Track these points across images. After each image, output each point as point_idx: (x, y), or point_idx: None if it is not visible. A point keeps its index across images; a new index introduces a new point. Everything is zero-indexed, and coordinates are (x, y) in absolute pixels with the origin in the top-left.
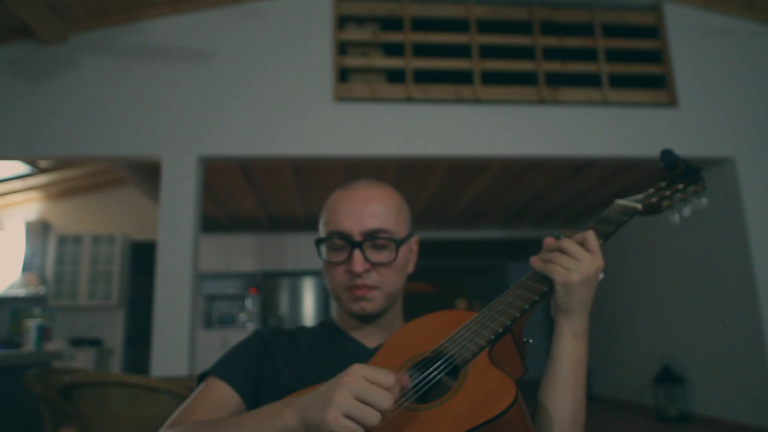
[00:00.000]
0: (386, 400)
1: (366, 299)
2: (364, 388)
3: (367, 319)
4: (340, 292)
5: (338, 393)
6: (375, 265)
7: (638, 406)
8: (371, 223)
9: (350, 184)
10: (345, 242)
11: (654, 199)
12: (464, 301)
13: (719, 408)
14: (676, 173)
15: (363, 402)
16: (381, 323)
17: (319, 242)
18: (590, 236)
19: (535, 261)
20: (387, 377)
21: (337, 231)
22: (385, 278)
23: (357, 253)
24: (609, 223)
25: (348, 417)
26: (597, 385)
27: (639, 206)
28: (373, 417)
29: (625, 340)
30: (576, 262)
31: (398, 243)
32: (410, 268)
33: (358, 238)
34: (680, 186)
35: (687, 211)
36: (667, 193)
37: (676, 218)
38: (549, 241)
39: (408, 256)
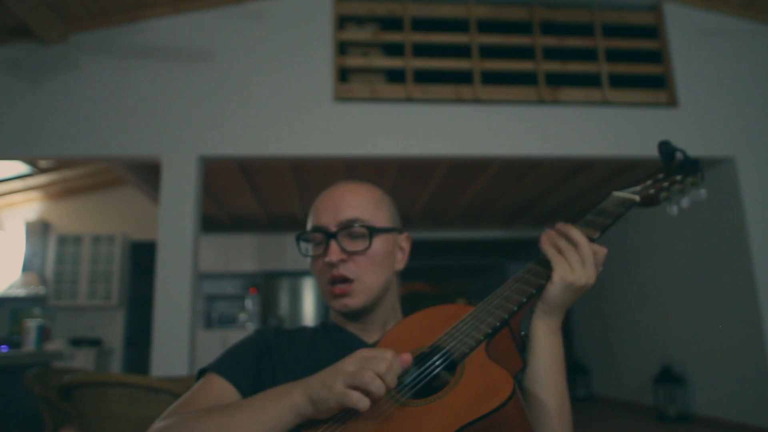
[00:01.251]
0: (381, 364)
1: (346, 295)
2: (366, 359)
3: (353, 316)
4: (324, 287)
5: (342, 369)
6: (351, 255)
7: (638, 406)
8: (346, 214)
9: (332, 184)
10: (322, 236)
11: (652, 191)
12: (464, 301)
13: (719, 408)
14: (674, 164)
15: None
16: (374, 320)
17: (298, 238)
18: (603, 253)
19: (546, 241)
20: (385, 351)
21: (315, 226)
22: (362, 269)
23: (332, 243)
24: (607, 216)
25: (354, 388)
26: (597, 385)
27: (637, 198)
28: (374, 381)
29: (625, 340)
30: (583, 267)
31: (372, 231)
32: (399, 266)
33: (333, 229)
34: (678, 177)
35: (685, 202)
36: (665, 184)
37: (674, 210)
38: (565, 228)
39: (390, 249)
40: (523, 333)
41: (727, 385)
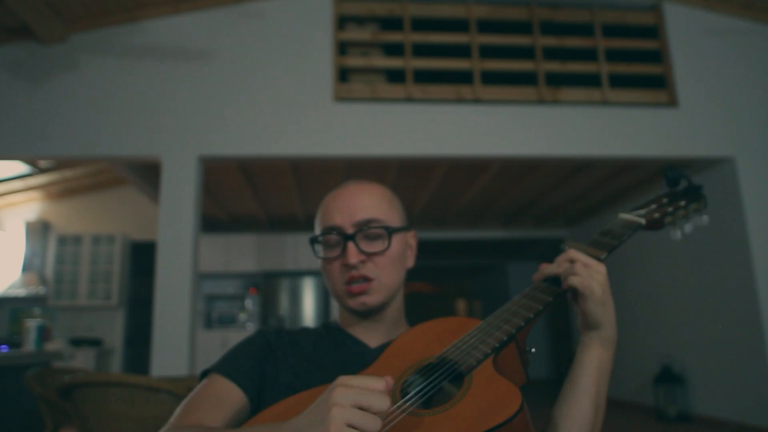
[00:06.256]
0: (383, 402)
1: (365, 293)
2: (358, 394)
3: (368, 314)
4: (339, 288)
5: (334, 407)
6: (370, 256)
7: (638, 406)
8: (362, 215)
9: (341, 184)
10: (338, 237)
11: (656, 215)
12: (464, 301)
13: (719, 408)
14: (679, 190)
15: (361, 409)
16: (383, 319)
17: (313, 241)
18: (573, 253)
19: (564, 271)
20: (378, 381)
21: (329, 227)
22: (381, 268)
23: (350, 245)
24: (613, 237)
25: (350, 426)
26: None
27: (643, 221)
28: (375, 422)
29: (625, 341)
30: (589, 269)
31: (390, 231)
32: (409, 263)
33: (350, 230)
34: (682, 203)
35: (688, 227)
36: (670, 209)
37: (677, 234)
38: (546, 266)
39: (404, 248)
40: (528, 348)
41: (727, 385)
